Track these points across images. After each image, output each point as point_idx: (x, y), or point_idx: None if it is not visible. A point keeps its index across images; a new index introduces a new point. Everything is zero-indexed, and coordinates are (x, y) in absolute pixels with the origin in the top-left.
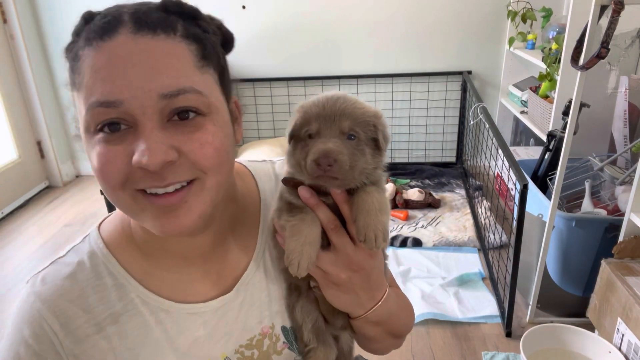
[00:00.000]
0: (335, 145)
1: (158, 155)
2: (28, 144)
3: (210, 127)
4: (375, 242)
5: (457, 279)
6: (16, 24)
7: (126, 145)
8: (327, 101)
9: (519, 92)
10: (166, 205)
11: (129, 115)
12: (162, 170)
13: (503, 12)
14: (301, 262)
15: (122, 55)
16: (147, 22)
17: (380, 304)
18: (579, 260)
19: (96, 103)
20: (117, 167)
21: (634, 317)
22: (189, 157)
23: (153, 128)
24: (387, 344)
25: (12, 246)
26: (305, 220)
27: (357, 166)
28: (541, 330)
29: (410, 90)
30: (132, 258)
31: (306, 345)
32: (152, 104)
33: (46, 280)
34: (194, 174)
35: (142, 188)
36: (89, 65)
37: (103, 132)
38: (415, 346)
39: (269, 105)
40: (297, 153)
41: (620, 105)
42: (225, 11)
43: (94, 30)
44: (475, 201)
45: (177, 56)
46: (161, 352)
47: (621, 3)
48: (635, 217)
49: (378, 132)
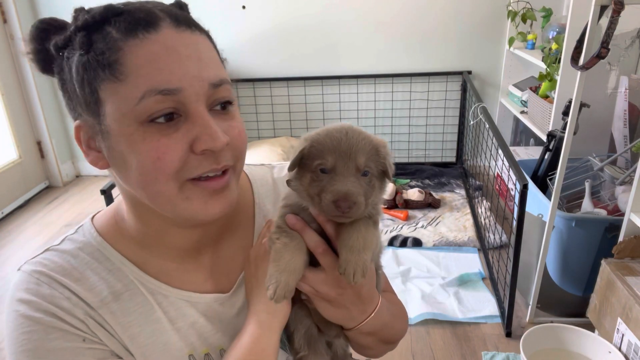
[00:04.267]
0: (354, 187)
1: (222, 137)
2: (28, 144)
3: (238, 115)
4: (353, 277)
5: (457, 279)
6: (16, 24)
7: (183, 132)
8: (340, 135)
9: (519, 92)
10: (216, 188)
11: (183, 104)
12: (219, 153)
13: (503, 12)
14: (278, 290)
15: (174, 46)
16: (182, 19)
17: (372, 316)
18: (579, 260)
19: (154, 91)
20: (178, 155)
21: (634, 317)
22: (231, 143)
23: (206, 114)
24: (381, 350)
25: (12, 246)
26: (289, 247)
27: (369, 202)
28: (541, 330)
29: (410, 90)
30: (128, 247)
31: (297, 352)
32: (204, 91)
33: (44, 263)
34: (234, 159)
35: (198, 175)
36: (141, 55)
37: (156, 122)
38: (415, 346)
39: (269, 105)
40: (306, 184)
41: (620, 105)
42: (225, 11)
43: (136, 22)
44: (475, 201)
45: (211, 50)
46: (164, 330)
47: (621, 3)
48: (635, 217)
49: (387, 164)
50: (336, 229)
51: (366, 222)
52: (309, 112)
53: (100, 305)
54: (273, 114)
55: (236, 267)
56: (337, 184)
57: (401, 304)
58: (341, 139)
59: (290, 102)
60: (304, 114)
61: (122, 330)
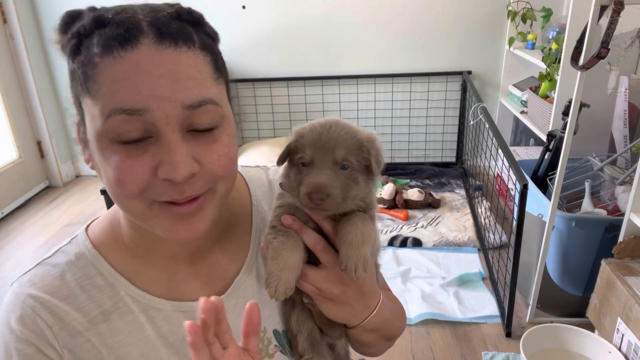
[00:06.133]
0: (328, 179)
1: (185, 169)
2: (28, 144)
3: (225, 138)
4: (355, 272)
5: (457, 279)
6: (16, 24)
7: (149, 156)
8: (322, 129)
9: (519, 92)
10: (183, 214)
11: (152, 125)
12: (183, 183)
13: (503, 12)
14: (278, 287)
15: (147, 67)
16: (168, 33)
17: (375, 312)
18: (579, 260)
19: (119, 110)
20: (140, 178)
21: (634, 317)
22: (206, 169)
23: (177, 139)
24: (381, 347)
25: (12, 246)
26: (287, 245)
27: (349, 196)
28: (541, 330)
29: (410, 90)
30: (121, 258)
31: (301, 355)
32: (175, 113)
33: (34, 281)
34: (209, 184)
35: (163, 200)
36: (111, 74)
37: (122, 142)
38: (415, 346)
39: (269, 105)
40: (292, 178)
41: (620, 105)
42: (225, 11)
43: (113, 38)
44: (475, 201)
45: (197, 68)
46: (153, 349)
47: (621, 3)
48: (635, 217)
49: (371, 158)
50: (334, 227)
51: (362, 217)
52: (309, 112)
53: (88, 327)
54: (273, 114)
55: (233, 270)
56: (311, 176)
57: (399, 301)
58: (322, 133)
59: (290, 102)
60: (304, 114)
61: (110, 351)
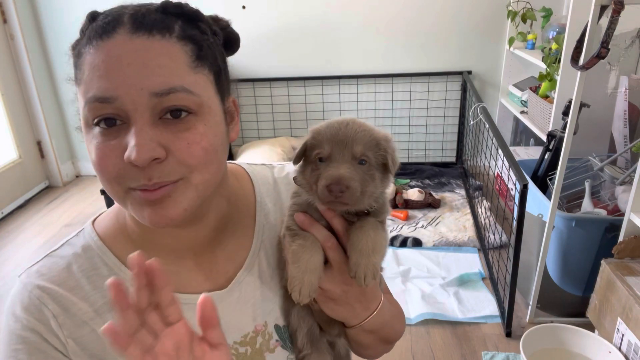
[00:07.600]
0: (348, 172)
1: (146, 152)
2: (28, 144)
3: (201, 127)
4: (364, 280)
5: (457, 279)
6: (16, 24)
7: (120, 140)
8: (340, 125)
9: (519, 92)
10: (150, 199)
11: (122, 111)
12: (149, 168)
13: (503, 12)
14: (302, 290)
15: (118, 54)
16: (144, 23)
17: (375, 314)
18: (579, 260)
19: (93, 98)
20: (112, 161)
21: (634, 317)
22: (175, 156)
23: (144, 124)
24: (380, 350)
25: (12, 246)
26: (306, 247)
27: (367, 191)
28: (541, 330)
29: (410, 90)
30: (126, 249)
31: (300, 351)
32: (143, 101)
33: (42, 272)
34: (180, 174)
35: (135, 187)
36: (89, 62)
37: (100, 126)
38: (415, 346)
39: (269, 105)
40: (308, 174)
41: (620, 105)
42: (225, 11)
43: (95, 30)
44: (475, 201)
45: (170, 56)
46: None
47: (621, 3)
48: (635, 217)
49: (388, 156)
50: (345, 227)
51: (374, 224)
52: (309, 112)
53: (93, 316)
54: (273, 114)
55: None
56: (331, 170)
57: (399, 305)
58: (340, 129)
59: (290, 102)
60: (304, 114)
61: None
